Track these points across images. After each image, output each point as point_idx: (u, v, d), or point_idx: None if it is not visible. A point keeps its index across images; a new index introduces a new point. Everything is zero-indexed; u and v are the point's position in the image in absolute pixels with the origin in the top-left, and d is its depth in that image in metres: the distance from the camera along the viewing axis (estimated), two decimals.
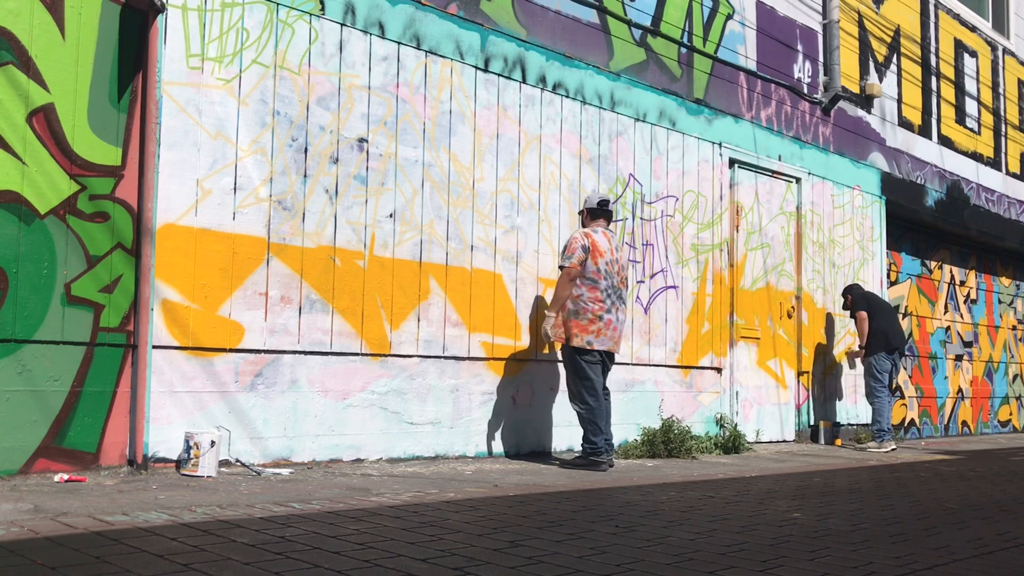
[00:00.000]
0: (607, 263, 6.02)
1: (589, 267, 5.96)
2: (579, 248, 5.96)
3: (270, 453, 5.23)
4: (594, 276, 5.97)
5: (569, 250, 5.99)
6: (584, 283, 5.97)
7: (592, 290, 5.97)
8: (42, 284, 4.48)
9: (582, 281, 5.97)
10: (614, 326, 6.06)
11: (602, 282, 5.98)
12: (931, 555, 3.30)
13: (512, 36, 6.63)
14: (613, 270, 6.06)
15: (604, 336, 5.99)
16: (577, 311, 5.97)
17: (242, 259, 5.16)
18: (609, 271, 6.02)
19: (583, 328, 5.95)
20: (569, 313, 5.99)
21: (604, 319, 5.98)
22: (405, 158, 5.93)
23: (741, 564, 2.99)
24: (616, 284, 6.08)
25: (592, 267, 5.96)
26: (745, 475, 6.01)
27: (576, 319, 5.96)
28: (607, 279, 6.00)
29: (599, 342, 5.97)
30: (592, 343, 5.95)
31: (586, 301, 5.96)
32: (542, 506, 4.17)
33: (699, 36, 8.24)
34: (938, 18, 11.88)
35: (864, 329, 9.00)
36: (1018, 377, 13.89)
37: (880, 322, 9.02)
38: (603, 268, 5.99)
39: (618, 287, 6.10)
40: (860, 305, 9.08)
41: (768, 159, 8.80)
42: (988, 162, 12.89)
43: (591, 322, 5.95)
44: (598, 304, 5.97)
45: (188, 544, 2.97)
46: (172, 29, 4.95)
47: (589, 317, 5.95)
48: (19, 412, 4.38)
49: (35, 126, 4.50)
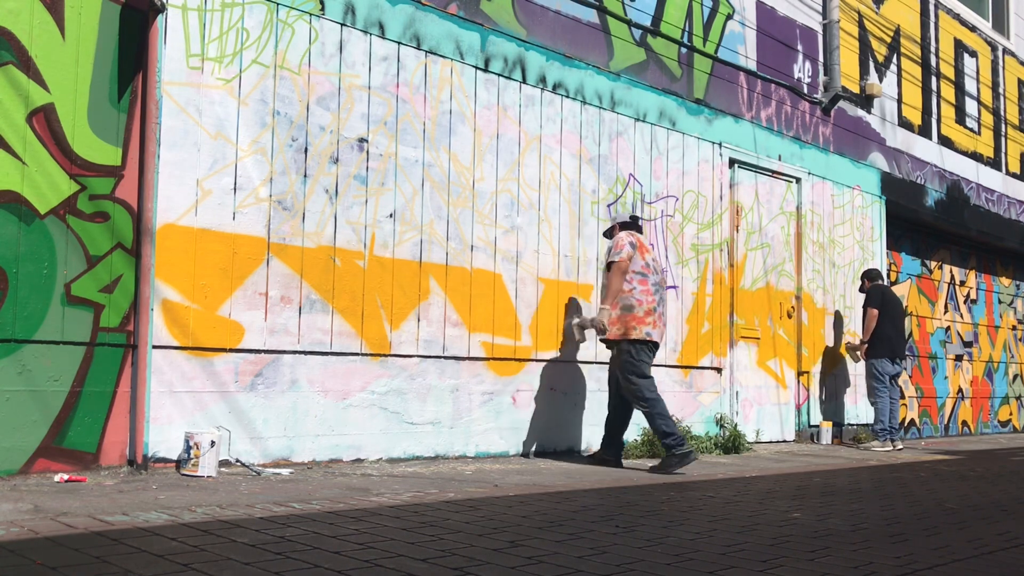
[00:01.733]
0: (653, 259, 6.22)
1: (637, 262, 6.12)
2: (627, 244, 6.13)
3: (270, 453, 5.23)
4: (643, 271, 6.14)
5: (617, 247, 6.16)
6: (635, 277, 6.11)
7: (643, 283, 6.13)
8: (42, 284, 4.48)
9: (633, 276, 6.11)
10: (665, 320, 6.29)
11: (651, 276, 6.16)
12: (931, 555, 3.30)
13: (512, 36, 6.63)
14: (656, 267, 6.25)
15: (659, 328, 6.17)
16: (631, 305, 6.08)
17: (242, 259, 5.16)
18: (654, 268, 6.21)
19: (640, 320, 6.06)
20: (623, 309, 6.08)
21: (657, 311, 6.16)
22: (405, 158, 5.93)
23: (741, 564, 2.99)
24: (660, 282, 6.26)
25: (640, 262, 6.13)
26: (745, 475, 6.01)
27: (632, 312, 6.07)
28: (653, 275, 6.18)
29: (656, 333, 6.12)
30: (651, 334, 6.08)
31: (639, 295, 6.09)
32: (542, 506, 4.16)
33: (699, 36, 8.23)
34: (938, 18, 11.88)
35: (871, 327, 9.01)
36: (1018, 377, 13.89)
37: (887, 327, 9.03)
38: (650, 263, 6.19)
39: (661, 286, 6.28)
40: (873, 302, 9.07)
41: (768, 159, 8.80)
42: (988, 162, 12.89)
43: (647, 314, 6.09)
44: (650, 297, 6.13)
45: (188, 544, 2.97)
46: (172, 29, 4.95)
47: (645, 309, 6.08)
48: (19, 412, 4.38)
49: (35, 126, 4.50)
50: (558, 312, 6.79)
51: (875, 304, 9.07)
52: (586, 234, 7.02)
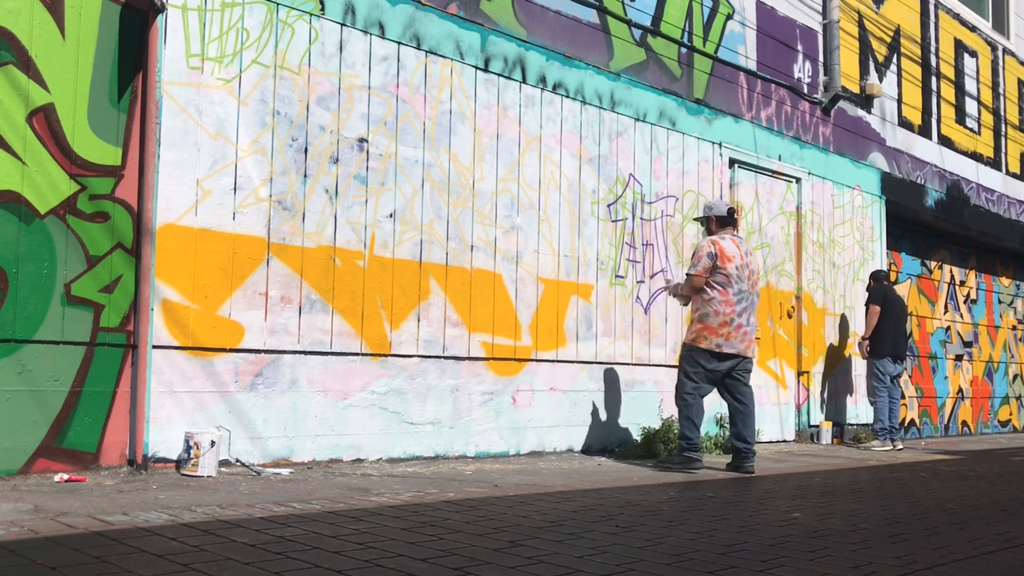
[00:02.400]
0: (737, 267, 6.09)
1: (719, 272, 6.06)
2: (705, 256, 6.08)
3: (270, 453, 5.23)
4: (724, 281, 6.06)
5: (696, 258, 6.16)
6: (714, 288, 6.07)
7: (723, 294, 6.06)
8: (42, 284, 4.48)
9: (712, 286, 6.08)
10: (744, 330, 6.13)
11: (733, 286, 6.07)
12: (931, 555, 3.30)
13: (512, 36, 6.63)
14: (744, 274, 6.13)
15: (734, 339, 6.07)
16: (707, 314, 6.09)
17: (242, 259, 5.16)
18: (740, 275, 6.10)
19: (713, 331, 6.05)
20: (700, 316, 6.13)
21: (734, 323, 6.07)
22: (405, 158, 5.93)
23: (741, 564, 2.99)
24: (747, 289, 6.14)
25: (722, 272, 6.05)
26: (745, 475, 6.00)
27: (706, 322, 6.08)
28: (738, 283, 6.08)
29: (728, 345, 6.06)
30: (721, 346, 6.05)
31: (717, 304, 6.05)
32: (542, 506, 4.16)
33: (699, 36, 8.23)
34: (938, 18, 11.88)
35: (872, 323, 9.05)
36: (1018, 377, 13.89)
37: (889, 326, 9.05)
38: (733, 273, 6.07)
39: (749, 292, 6.16)
40: (876, 299, 9.11)
41: (768, 159, 8.80)
42: (988, 162, 12.89)
43: (722, 325, 6.05)
44: (729, 307, 6.06)
45: (188, 544, 2.97)
46: (172, 29, 4.95)
47: (721, 320, 6.05)
48: (19, 412, 4.38)
49: (35, 126, 4.50)
50: (558, 312, 6.79)
51: (877, 301, 9.10)
52: (586, 234, 7.02)
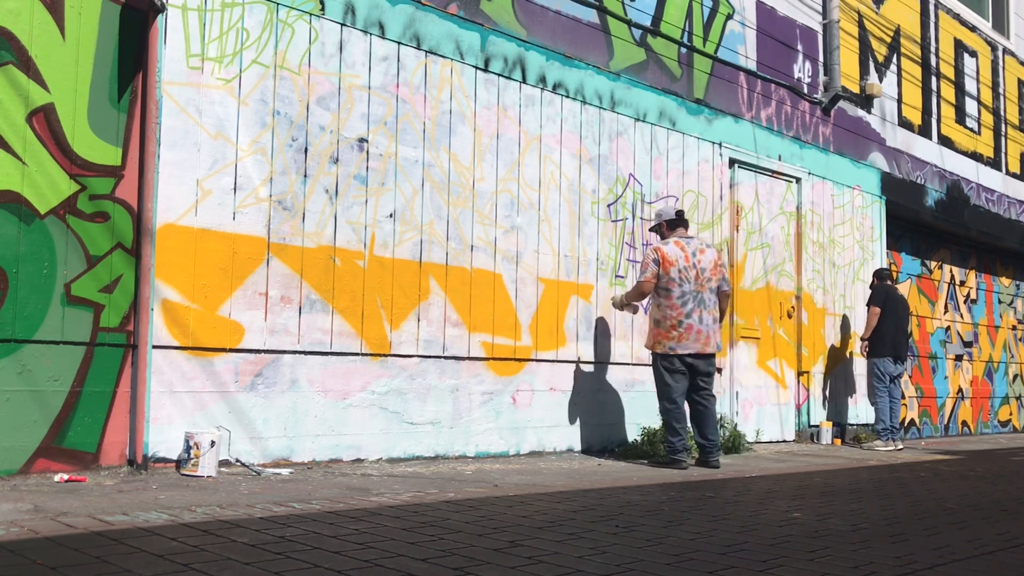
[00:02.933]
0: (680, 270, 6.31)
1: (663, 278, 6.31)
2: (651, 262, 6.39)
3: (270, 453, 5.23)
4: (668, 285, 6.32)
5: (643, 266, 6.49)
6: (661, 292, 6.37)
7: (668, 298, 6.33)
8: (42, 284, 4.48)
9: (659, 291, 6.37)
10: (697, 328, 6.33)
11: (675, 289, 6.31)
12: (931, 555, 3.30)
13: (512, 36, 6.63)
14: (689, 275, 6.33)
15: (686, 340, 6.31)
16: (658, 320, 6.40)
17: (242, 259, 5.16)
18: (684, 277, 6.31)
19: (664, 335, 6.35)
20: (654, 322, 6.44)
21: (684, 324, 6.31)
22: (405, 158, 5.93)
23: (741, 564, 2.99)
24: (692, 289, 6.32)
25: (665, 277, 6.31)
26: (745, 475, 6.01)
27: (658, 327, 6.38)
28: (681, 285, 6.29)
29: (682, 347, 6.31)
30: (675, 348, 6.30)
31: (665, 309, 6.33)
32: (542, 506, 4.17)
33: (699, 36, 8.23)
34: (938, 18, 11.88)
35: (872, 324, 9.05)
36: (1018, 377, 13.89)
37: (890, 326, 9.05)
38: (675, 276, 6.32)
39: (697, 291, 6.33)
40: (876, 300, 9.12)
41: (768, 159, 8.80)
42: (988, 162, 12.89)
43: (672, 328, 6.31)
44: (675, 311, 6.31)
45: (188, 544, 2.97)
46: (172, 29, 4.95)
47: (670, 323, 6.32)
48: (19, 412, 4.38)
49: (35, 126, 4.50)
50: (558, 312, 6.79)
51: (878, 302, 9.10)
52: (586, 234, 7.02)
